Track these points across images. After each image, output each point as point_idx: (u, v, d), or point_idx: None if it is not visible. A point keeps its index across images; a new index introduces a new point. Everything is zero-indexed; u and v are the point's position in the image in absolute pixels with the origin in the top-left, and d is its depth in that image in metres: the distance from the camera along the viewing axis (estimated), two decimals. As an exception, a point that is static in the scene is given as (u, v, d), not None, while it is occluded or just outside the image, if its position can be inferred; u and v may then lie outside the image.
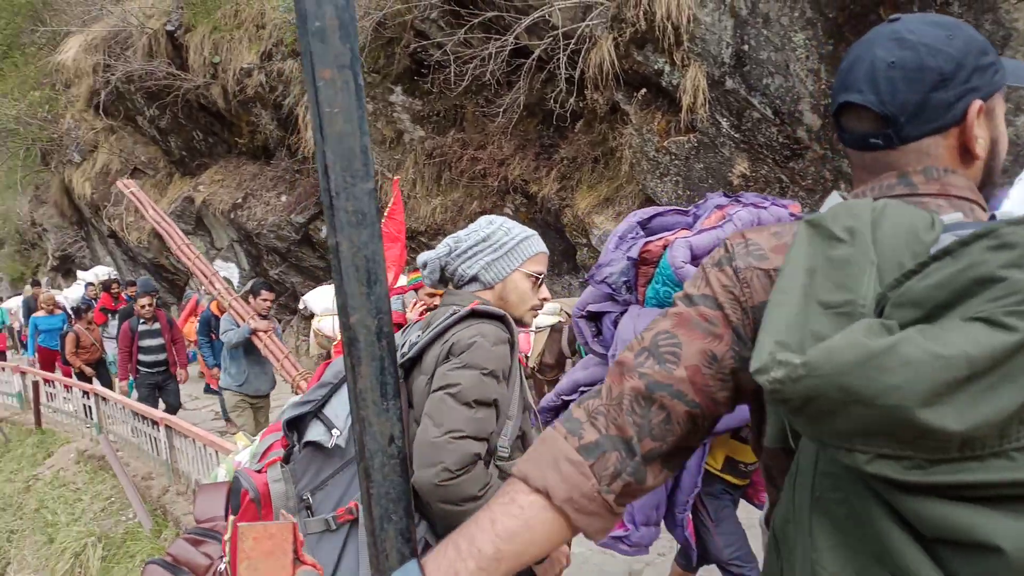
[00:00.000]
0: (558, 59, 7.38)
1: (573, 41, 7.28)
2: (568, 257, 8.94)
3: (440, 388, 1.76)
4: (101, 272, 15.25)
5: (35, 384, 9.48)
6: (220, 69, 12.60)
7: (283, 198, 13.06)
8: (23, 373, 10.46)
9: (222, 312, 7.04)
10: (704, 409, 0.93)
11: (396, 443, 1.12)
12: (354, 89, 1.09)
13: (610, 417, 0.93)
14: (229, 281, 12.12)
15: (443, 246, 2.07)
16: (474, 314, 1.86)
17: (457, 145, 9.90)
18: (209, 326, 7.62)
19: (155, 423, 6.93)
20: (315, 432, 1.88)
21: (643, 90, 7.04)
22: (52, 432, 9.22)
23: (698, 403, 0.92)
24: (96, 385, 9.15)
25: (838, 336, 0.70)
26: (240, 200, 13.44)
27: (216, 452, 5.51)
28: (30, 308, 13.69)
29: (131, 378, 8.16)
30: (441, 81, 9.01)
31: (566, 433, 0.95)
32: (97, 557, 5.99)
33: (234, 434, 5.90)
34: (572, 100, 7.56)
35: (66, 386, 9.44)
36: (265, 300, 6.38)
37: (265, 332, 6.12)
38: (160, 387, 8.18)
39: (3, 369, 11.37)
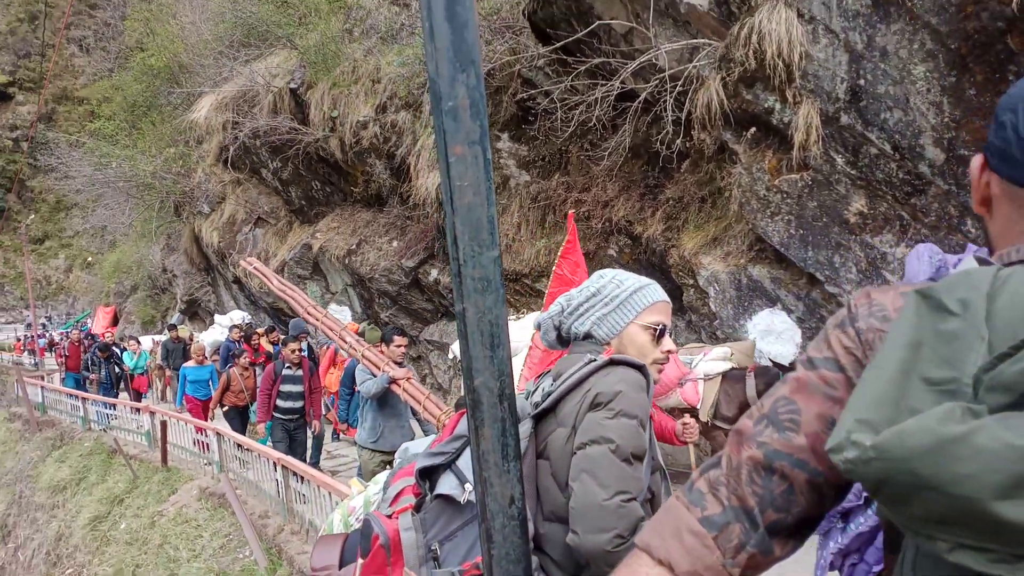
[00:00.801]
0: (664, 101, 7.34)
1: (680, 83, 7.23)
2: (674, 298, 8.74)
3: (594, 441, 1.69)
4: (236, 316, 15.62)
5: (163, 424, 10.03)
6: (338, 122, 13.24)
7: (394, 243, 13.47)
8: (152, 413, 11.10)
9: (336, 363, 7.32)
10: (827, 478, 0.88)
11: (516, 504, 1.14)
12: (483, 163, 1.14)
13: (731, 488, 0.90)
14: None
15: (556, 305, 2.04)
16: (612, 362, 1.81)
17: (561, 188, 9.97)
18: (354, 378, 7.28)
19: (273, 464, 7.18)
20: (447, 484, 1.86)
21: (752, 128, 6.88)
22: (177, 469, 9.70)
23: (821, 471, 0.88)
24: (221, 427, 9.32)
25: (912, 420, 0.67)
26: (354, 246, 13.96)
27: (329, 494, 5.64)
28: (168, 351, 14.50)
29: (269, 421, 8.05)
30: (547, 127, 9.14)
31: (688, 503, 0.93)
32: (216, 593, 6.21)
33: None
34: (679, 141, 7.49)
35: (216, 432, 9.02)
36: (399, 346, 6.09)
37: (405, 379, 5.89)
38: (291, 434, 8.03)
39: (137, 411, 12.03)
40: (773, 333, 6.68)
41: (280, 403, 7.94)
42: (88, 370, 14.31)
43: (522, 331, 5.95)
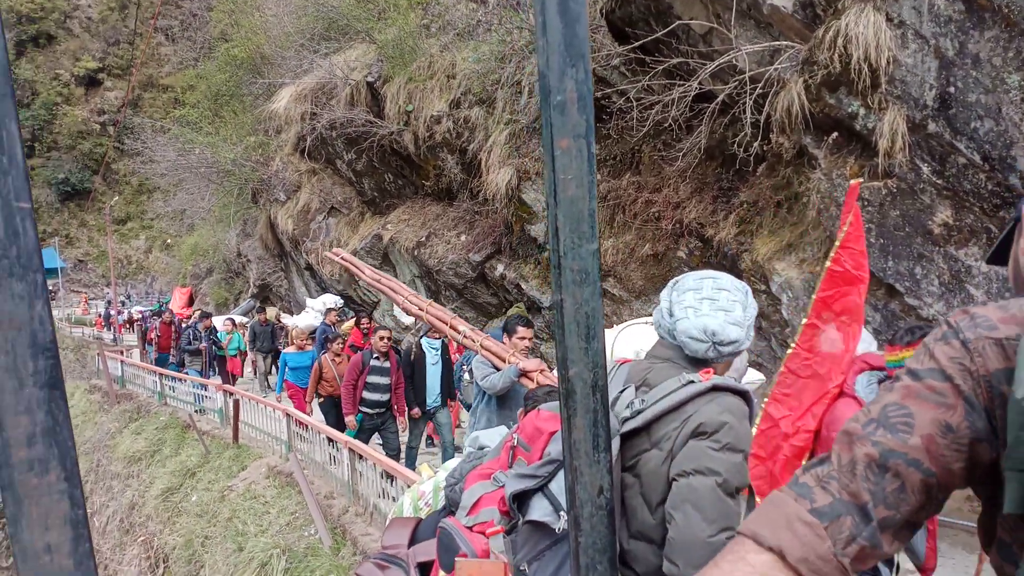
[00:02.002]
0: (743, 103, 7.24)
1: (760, 85, 7.13)
2: (745, 305, 8.63)
3: (698, 472, 1.65)
4: (329, 300, 15.34)
5: (236, 403, 10.38)
6: (412, 117, 13.44)
7: (463, 237, 13.62)
8: (225, 392, 11.49)
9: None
10: (940, 478, 0.92)
11: (605, 495, 1.17)
12: (587, 157, 1.16)
13: (842, 483, 0.94)
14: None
15: (730, 309, 1.89)
16: (716, 388, 1.75)
17: (632, 188, 9.93)
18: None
19: (339, 445, 7.36)
20: (540, 510, 1.85)
21: (834, 133, 6.74)
22: (247, 447, 10.02)
23: (934, 472, 0.92)
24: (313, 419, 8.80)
25: None
26: (424, 238, 14.16)
27: (394, 478, 5.76)
28: (256, 333, 14.52)
29: (359, 412, 7.62)
30: (620, 126, 9.11)
31: (797, 496, 0.96)
32: (281, 569, 6.41)
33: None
34: (756, 144, 7.38)
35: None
36: (523, 338, 5.56)
37: (539, 371, 4.98)
38: (379, 430, 7.77)
39: (216, 389, 12.24)
40: (846, 343, 6.52)
41: (366, 395, 7.60)
42: (191, 345, 13.96)
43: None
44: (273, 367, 14.68)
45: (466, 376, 7.37)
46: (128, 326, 30.83)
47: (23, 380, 0.85)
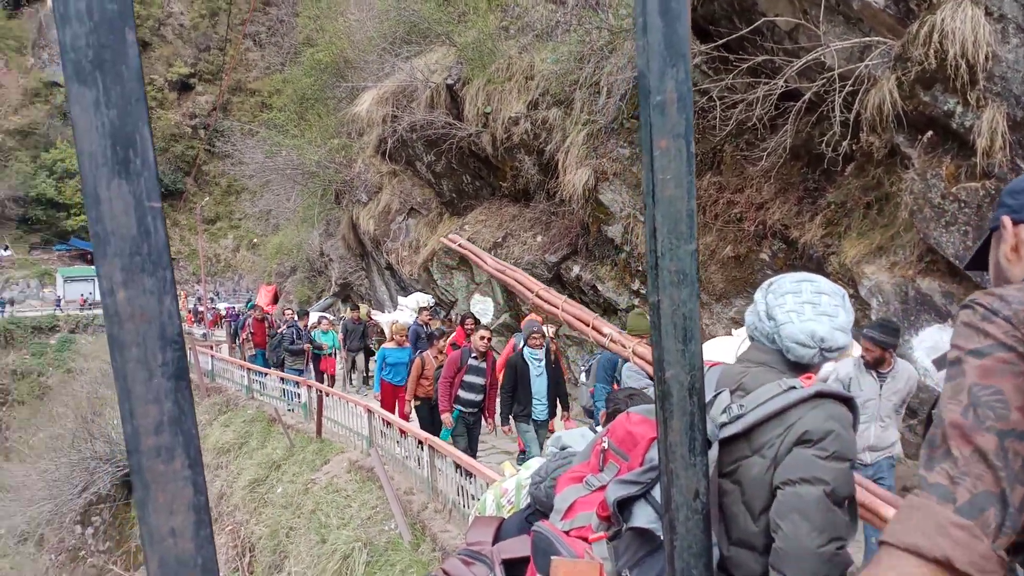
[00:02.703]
0: (831, 101, 7.03)
1: (849, 82, 6.90)
2: (831, 309, 8.38)
3: (805, 481, 1.62)
4: (421, 299, 15.23)
5: (319, 398, 10.67)
6: (491, 118, 13.55)
7: (539, 238, 13.65)
8: (309, 387, 11.83)
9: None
10: None
11: (701, 498, 1.16)
12: (686, 157, 1.16)
13: (974, 476, 0.96)
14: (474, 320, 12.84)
15: (833, 311, 1.86)
16: (820, 394, 1.70)
17: (713, 188, 9.76)
18: (612, 374, 6.38)
19: (420, 443, 7.49)
20: (644, 517, 1.83)
21: (929, 132, 6.47)
22: (329, 441, 10.29)
23: None
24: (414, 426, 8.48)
25: None
26: (500, 239, 14.25)
27: (473, 476, 5.82)
28: (348, 331, 14.40)
29: (455, 409, 7.51)
30: (701, 125, 8.97)
31: (938, 499, 0.97)
32: (362, 562, 6.56)
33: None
34: (844, 143, 7.15)
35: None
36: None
37: None
38: (469, 430, 7.62)
39: (298, 384, 12.58)
40: (941, 351, 6.26)
41: (462, 394, 7.52)
42: (293, 344, 13.81)
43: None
44: (368, 365, 14.56)
45: (581, 377, 7.33)
46: (216, 322, 32.06)
47: (152, 371, 0.90)
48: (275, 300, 28.23)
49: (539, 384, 7.35)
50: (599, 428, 3.25)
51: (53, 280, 51.22)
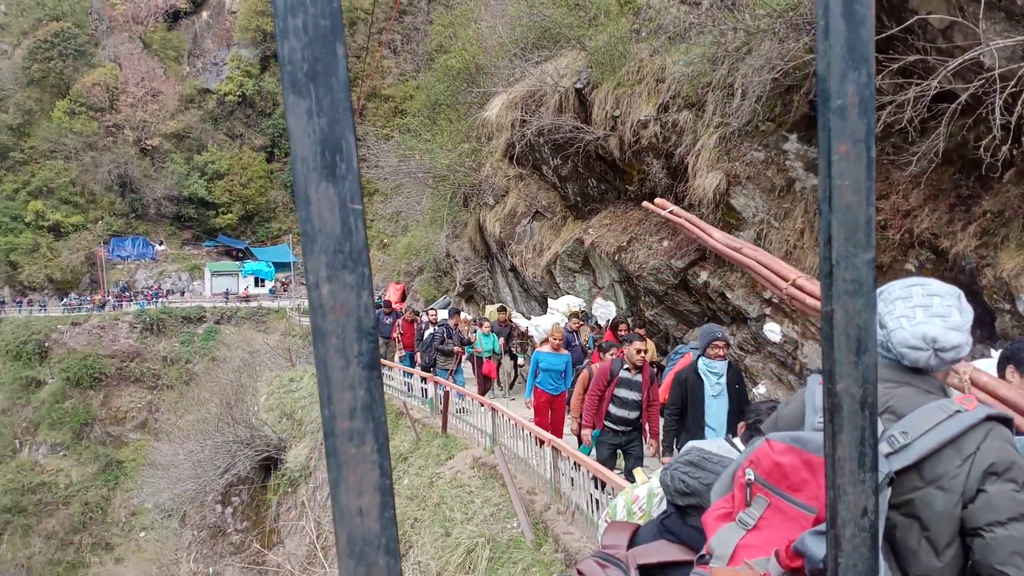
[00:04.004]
0: (990, 103, 6.56)
1: (1012, 83, 6.42)
2: (983, 324, 7.80)
3: (1015, 520, 1.56)
4: (573, 303, 14.40)
5: (446, 394, 10.96)
6: (619, 121, 13.48)
7: (664, 243, 13.45)
8: (436, 384, 12.15)
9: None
10: None
11: (869, 516, 1.14)
12: (865, 163, 1.15)
13: None
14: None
15: (947, 312, 1.81)
16: (991, 418, 1.65)
17: (856, 195, 9.31)
18: None
19: (541, 443, 7.55)
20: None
21: (1106, 135, 5.93)
22: (454, 437, 10.54)
23: None
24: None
25: None
26: (625, 243, 14.15)
27: (597, 480, 5.81)
28: (495, 333, 13.60)
29: (597, 429, 6.88)
30: (844, 128, 8.58)
31: None
32: (485, 557, 6.68)
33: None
34: (1005, 147, 6.65)
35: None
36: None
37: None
38: (624, 449, 6.95)
39: (425, 380, 12.71)
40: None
41: (613, 410, 6.81)
42: (444, 344, 13.44)
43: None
44: (515, 369, 14.04)
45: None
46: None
47: (349, 360, 0.97)
48: (403, 298, 29.18)
49: (715, 407, 6.07)
50: (735, 439, 3.16)
51: (201, 274, 55.00)
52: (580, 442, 7.16)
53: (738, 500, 2.01)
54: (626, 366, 6.87)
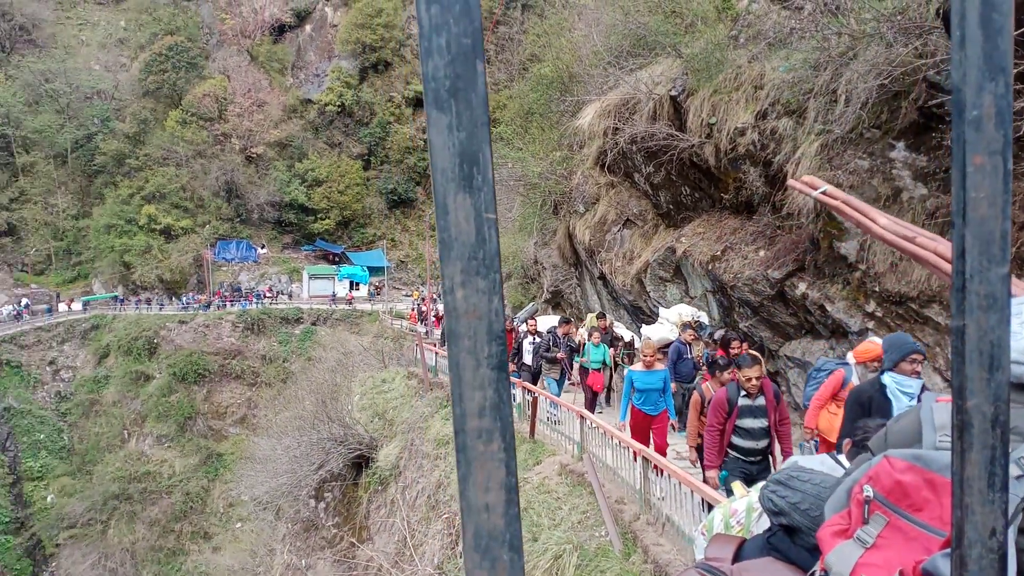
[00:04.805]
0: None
1: None
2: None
3: None
4: (685, 312, 13.40)
5: (534, 400, 11.00)
6: (715, 129, 13.27)
7: (761, 253, 13.13)
8: (523, 389, 12.22)
9: None
10: None
11: (997, 537, 1.12)
12: (1002, 175, 1.14)
13: None
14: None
15: None
16: None
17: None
18: None
19: (633, 453, 7.48)
20: None
21: None
22: (541, 443, 10.57)
23: None
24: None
25: None
26: (718, 252, 13.89)
27: (691, 492, 5.73)
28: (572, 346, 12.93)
29: (724, 471, 6.20)
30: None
31: None
32: (572, 564, 6.68)
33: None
34: None
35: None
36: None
37: None
38: (756, 479, 5.90)
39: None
40: None
41: (737, 441, 6.19)
42: (549, 352, 12.78)
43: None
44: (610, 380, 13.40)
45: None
46: (438, 322, 34.01)
47: (480, 361, 1.02)
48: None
49: None
50: (839, 456, 3.08)
51: (300, 277, 57.04)
52: (704, 479, 6.48)
53: (855, 517, 1.96)
54: (743, 392, 6.21)
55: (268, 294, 53.99)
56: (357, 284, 56.55)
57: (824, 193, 2.96)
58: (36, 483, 43.95)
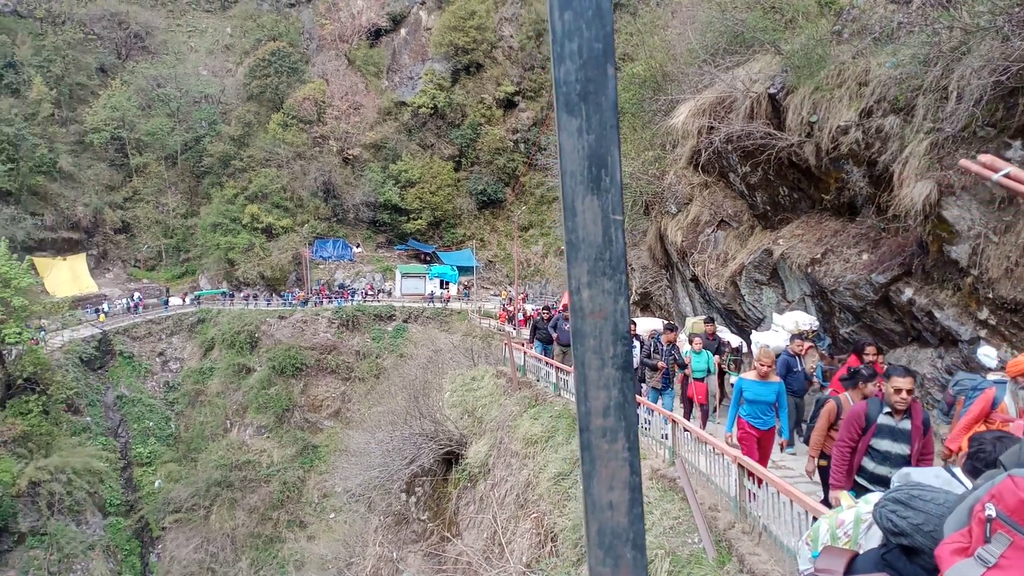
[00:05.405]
0: None
1: None
2: None
3: None
4: (803, 320, 12.47)
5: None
6: (816, 127, 12.85)
7: (864, 256, 12.64)
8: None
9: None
10: None
11: None
12: None
13: None
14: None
15: None
16: None
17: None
18: None
19: (729, 461, 7.33)
20: None
21: None
22: (631, 447, 10.46)
23: None
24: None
25: None
26: (818, 255, 13.44)
27: (791, 501, 5.57)
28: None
29: (852, 489, 5.39)
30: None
31: None
32: (664, 570, 6.60)
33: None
34: None
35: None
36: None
37: None
38: None
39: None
40: None
41: (869, 465, 5.43)
42: (650, 359, 12.14)
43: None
44: (722, 388, 12.78)
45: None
46: (525, 322, 34.15)
47: (604, 361, 1.03)
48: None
49: None
50: (955, 469, 2.94)
51: (392, 275, 58.40)
52: (826, 499, 5.94)
53: (976, 535, 1.88)
54: (887, 409, 5.42)
55: (369, 291, 55.66)
56: (447, 283, 57.45)
57: (1007, 176, 2.46)
58: (145, 468, 46.55)
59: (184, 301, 57.09)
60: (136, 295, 56.81)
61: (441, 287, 56.74)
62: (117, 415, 47.80)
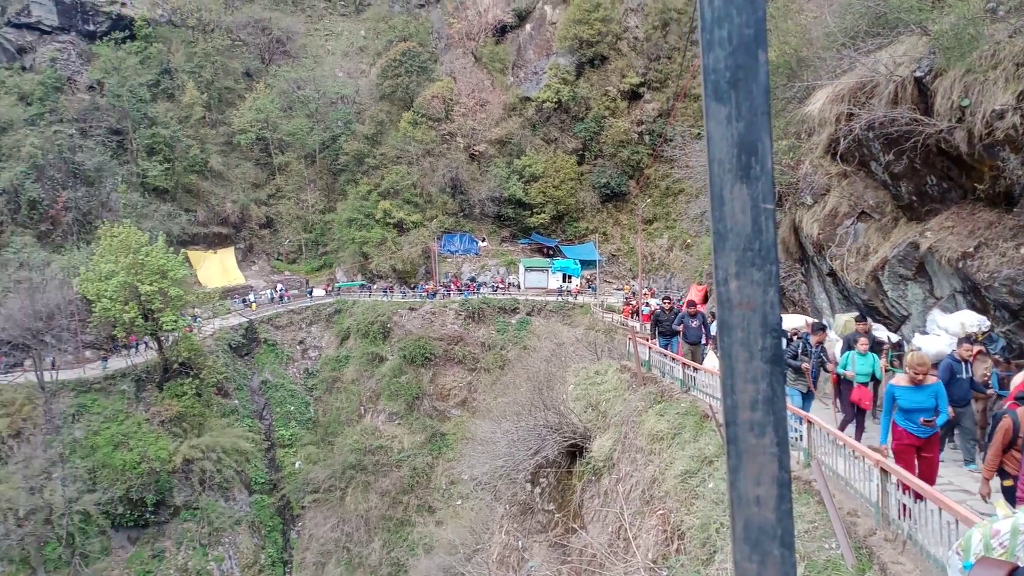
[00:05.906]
0: None
1: None
2: None
3: None
4: (970, 321, 11.25)
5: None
6: (968, 112, 11.98)
7: (1022, 249, 11.68)
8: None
9: None
10: None
11: None
12: None
13: None
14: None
15: None
16: None
17: None
18: None
19: (871, 465, 6.96)
20: None
21: None
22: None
23: None
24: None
25: None
26: (971, 249, 12.54)
27: (939, 511, 5.24)
28: (849, 346, 11.28)
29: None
30: None
31: None
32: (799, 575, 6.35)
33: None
34: None
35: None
36: None
37: None
38: None
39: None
40: None
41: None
42: (796, 358, 11.41)
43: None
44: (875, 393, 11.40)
45: None
46: (649, 317, 33.68)
47: (752, 354, 1.02)
48: (705, 299, 28.69)
49: None
50: None
51: (516, 269, 59.04)
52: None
53: None
54: None
55: (501, 284, 56.82)
56: (569, 277, 57.46)
57: None
58: (286, 450, 49.35)
59: (326, 292, 60.15)
60: (279, 286, 60.30)
61: (564, 281, 56.83)
62: (262, 399, 50.91)
